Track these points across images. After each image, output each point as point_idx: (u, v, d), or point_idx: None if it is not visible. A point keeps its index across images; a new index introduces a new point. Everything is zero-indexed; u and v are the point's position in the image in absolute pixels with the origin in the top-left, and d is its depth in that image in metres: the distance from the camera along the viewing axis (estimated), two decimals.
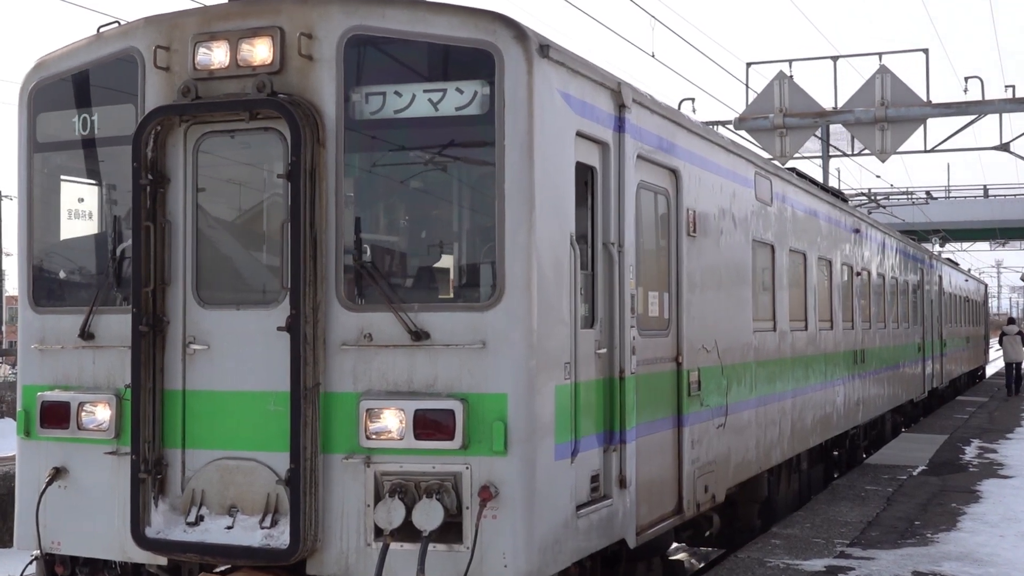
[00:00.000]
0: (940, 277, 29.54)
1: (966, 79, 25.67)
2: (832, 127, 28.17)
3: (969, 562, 10.26)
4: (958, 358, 34.67)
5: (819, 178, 30.50)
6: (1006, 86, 25.54)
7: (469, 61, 7.05)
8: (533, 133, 6.93)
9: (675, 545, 11.13)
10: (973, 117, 26.06)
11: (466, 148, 7.26)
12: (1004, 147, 27.19)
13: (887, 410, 20.37)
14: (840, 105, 25.89)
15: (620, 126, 8.21)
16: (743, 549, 10.87)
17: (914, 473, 16.16)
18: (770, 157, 26.54)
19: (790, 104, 25.88)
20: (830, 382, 15.00)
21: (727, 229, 10.66)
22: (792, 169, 15.19)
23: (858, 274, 17.03)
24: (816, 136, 28.11)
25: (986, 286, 52.38)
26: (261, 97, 7.17)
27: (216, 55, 7.36)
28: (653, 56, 21.36)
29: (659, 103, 9.08)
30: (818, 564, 10.14)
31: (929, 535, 11.49)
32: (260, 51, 7.29)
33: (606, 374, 8.02)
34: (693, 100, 26.98)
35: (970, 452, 18.93)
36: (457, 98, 7.07)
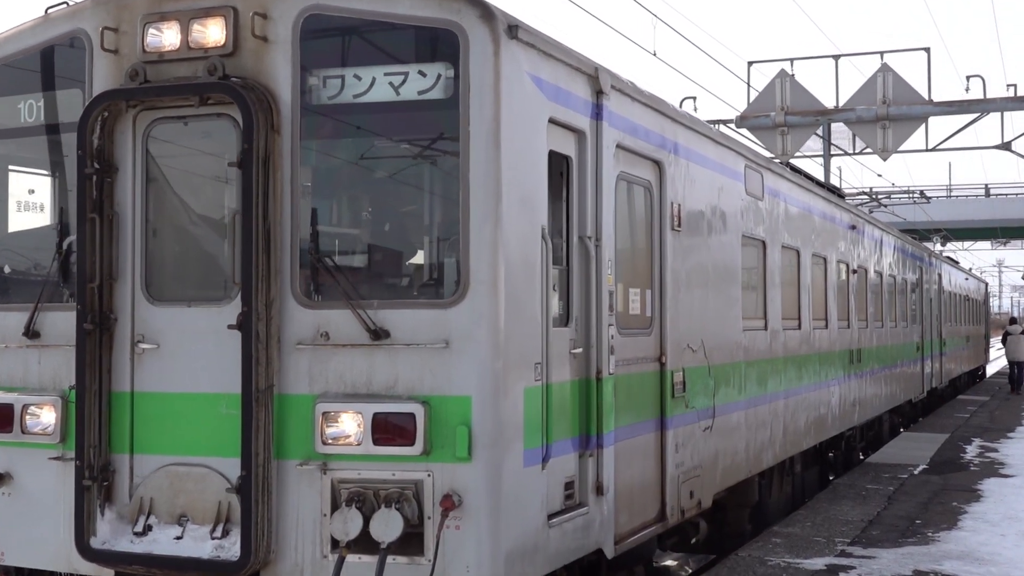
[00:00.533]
0: (939, 275, 28.99)
1: (968, 78, 25.38)
2: (833, 126, 27.90)
3: (970, 561, 10.13)
4: (958, 357, 33.99)
5: (820, 177, 30.05)
6: (1008, 85, 25.48)
7: (432, 42, 6.59)
8: (500, 119, 6.46)
9: (661, 552, 10.67)
10: (975, 116, 25.78)
11: (429, 135, 6.80)
12: (1006, 146, 26.92)
13: (885, 411, 19.87)
14: (842, 104, 25.64)
15: (598, 113, 7.74)
16: (744, 548, 10.71)
17: (915, 472, 16.00)
18: (771, 156, 26.07)
19: (791, 102, 25.62)
20: (825, 382, 14.52)
21: (715, 224, 10.20)
22: (786, 164, 14.67)
23: (854, 272, 16.54)
24: (817, 135, 27.85)
25: (987, 285, 51.61)
26: (211, 80, 6.71)
27: (167, 37, 6.90)
28: (655, 55, 21.19)
29: (641, 90, 8.61)
30: (819, 563, 9.98)
31: (930, 534, 11.35)
32: (212, 32, 6.82)
33: (582, 375, 7.56)
34: (695, 99, 26.67)
35: (971, 451, 18.75)
36: (420, 82, 6.60)
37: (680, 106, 18.97)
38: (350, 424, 6.48)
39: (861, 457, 18.59)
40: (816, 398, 14.05)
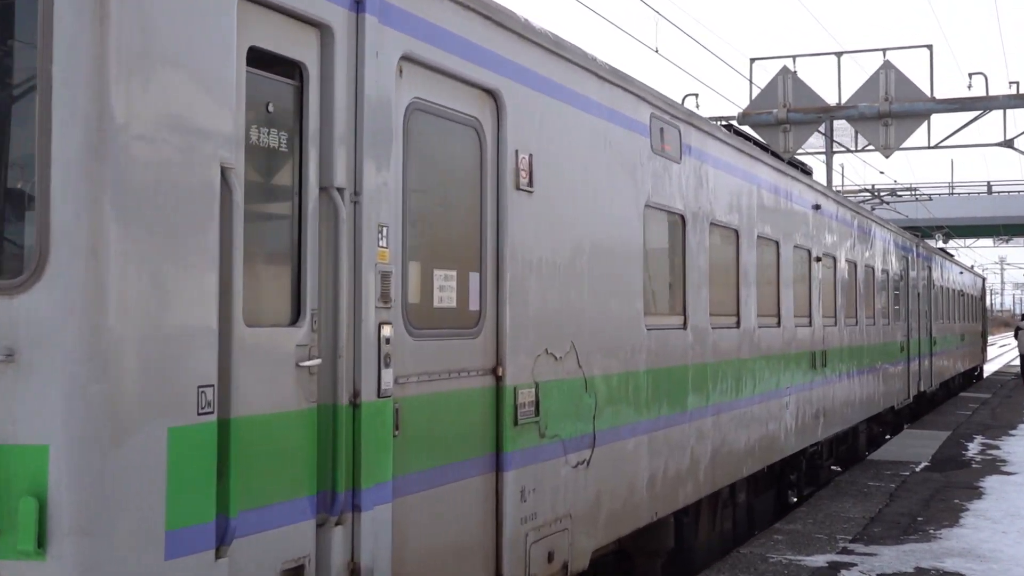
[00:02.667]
0: (930, 268, 25.82)
1: (970, 75, 24.30)
2: (836, 123, 26.87)
3: (972, 558, 9.89)
4: (951, 357, 30.50)
5: (823, 175, 27.48)
6: (1010, 82, 24.09)
7: None
8: None
9: None
10: (977, 113, 24.64)
11: None
12: (1008, 143, 25.61)
13: (860, 420, 16.88)
14: (844, 101, 24.60)
15: (359, 3, 4.96)
16: (745, 545, 10.34)
17: (917, 469, 15.63)
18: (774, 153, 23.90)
19: (794, 100, 24.65)
20: (776, 392, 11.65)
21: (598, 187, 7.40)
22: (727, 125, 11.63)
23: (818, 260, 13.62)
24: (820, 132, 26.50)
25: (984, 280, 47.00)
26: None
27: None
28: (657, 51, 19.73)
29: None
30: (820, 560, 9.75)
31: (932, 531, 11.10)
32: None
33: (323, 399, 4.79)
34: (697, 95, 24.84)
35: (973, 448, 18.25)
36: None
37: (682, 103, 16.80)
38: None
39: (834, 470, 15.77)
40: (763, 411, 11.19)
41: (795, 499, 13.68)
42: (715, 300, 9.69)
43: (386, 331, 5.07)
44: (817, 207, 13.62)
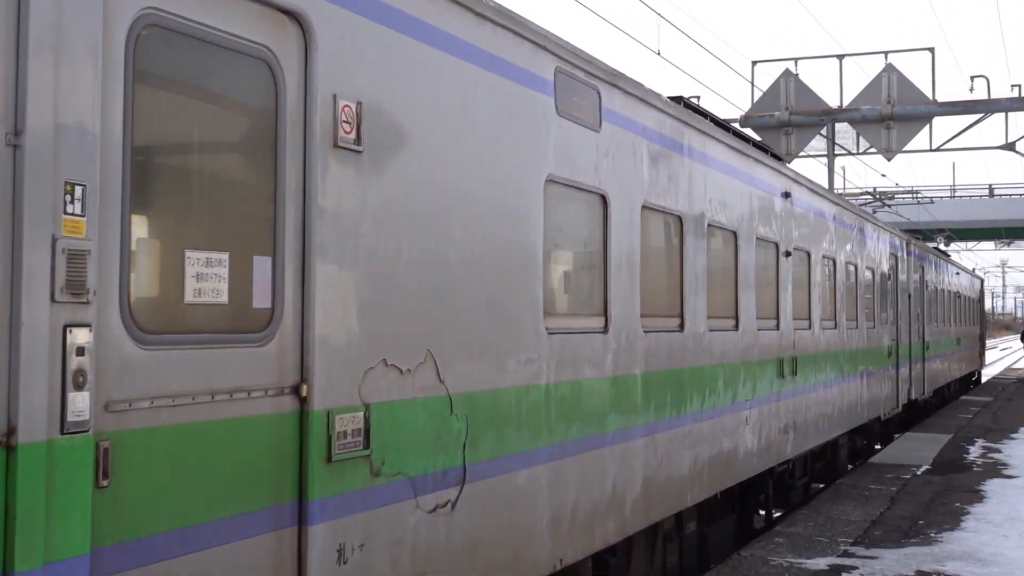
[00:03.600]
0: (923, 268, 23.98)
1: (972, 78, 24.16)
2: (838, 125, 26.52)
3: (973, 562, 9.77)
4: (946, 362, 28.47)
5: (824, 178, 26.29)
6: (1012, 85, 24.06)
7: None
8: None
9: None
10: (979, 116, 24.54)
11: None
12: (1010, 146, 25.32)
13: (840, 433, 15.06)
14: (846, 103, 24.59)
15: None
16: (746, 547, 10.22)
17: (918, 472, 15.46)
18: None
19: (796, 102, 24.70)
20: (731, 405, 9.99)
21: (475, 153, 5.76)
22: (680, 99, 9.94)
23: (787, 255, 11.93)
24: (821, 135, 26.22)
25: (982, 281, 44.76)
26: None
27: None
28: (659, 54, 19.34)
29: None
30: (821, 563, 9.65)
31: (933, 534, 10.98)
32: None
33: None
34: (699, 97, 24.31)
35: (974, 452, 18.05)
36: None
37: (682, 104, 14.80)
38: None
39: (809, 488, 14.12)
40: (714, 428, 9.52)
41: (762, 524, 12.06)
42: (651, 298, 8.04)
43: (78, 337, 3.44)
44: (787, 195, 11.94)
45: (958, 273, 32.94)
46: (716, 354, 9.47)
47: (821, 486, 14.69)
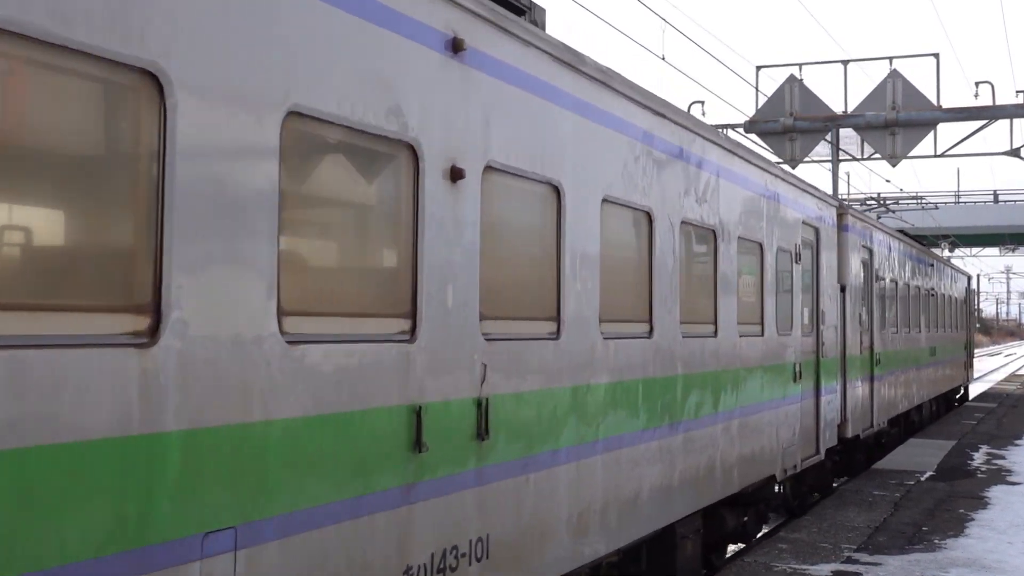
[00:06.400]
0: (871, 252, 17.79)
1: (977, 84, 24.04)
2: (842, 131, 26.32)
3: (977, 568, 9.71)
4: (913, 380, 22.17)
5: (829, 183, 26.49)
6: (1017, 91, 24.31)
7: None
8: None
9: None
10: (984, 122, 24.25)
11: None
12: (1014, 152, 25.09)
13: (681, 516, 8.86)
14: (850, 109, 24.40)
15: None
16: (750, 553, 10.20)
17: (922, 479, 15.40)
18: (779, 161, 23.65)
19: (800, 108, 24.52)
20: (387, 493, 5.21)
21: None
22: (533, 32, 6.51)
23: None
24: (826, 140, 26.13)
25: (968, 277, 37.18)
26: None
27: None
28: (663, 59, 19.56)
29: None
30: (825, 569, 9.60)
31: (936, 541, 10.94)
32: None
33: None
34: (703, 103, 24.33)
35: (978, 458, 17.92)
36: None
37: (687, 110, 15.34)
38: None
39: None
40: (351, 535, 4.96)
41: None
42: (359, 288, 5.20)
43: None
44: (683, 153, 8.64)
45: (932, 264, 26.31)
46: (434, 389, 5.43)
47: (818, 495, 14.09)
